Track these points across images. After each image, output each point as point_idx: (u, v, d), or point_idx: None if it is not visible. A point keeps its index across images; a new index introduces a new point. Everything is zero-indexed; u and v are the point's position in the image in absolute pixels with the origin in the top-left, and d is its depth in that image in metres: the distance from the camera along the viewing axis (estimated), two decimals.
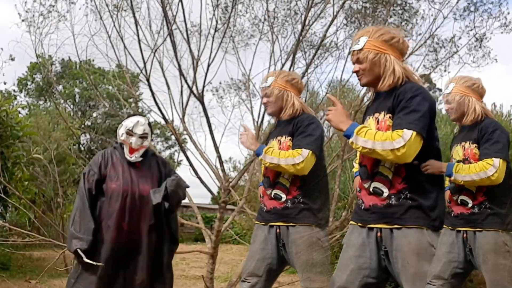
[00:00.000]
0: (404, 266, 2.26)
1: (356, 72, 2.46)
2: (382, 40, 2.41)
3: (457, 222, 2.91)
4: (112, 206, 3.03)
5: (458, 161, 2.90)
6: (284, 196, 2.86)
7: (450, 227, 2.95)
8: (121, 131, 3.17)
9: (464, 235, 2.89)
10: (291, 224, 2.83)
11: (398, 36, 2.46)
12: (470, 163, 2.83)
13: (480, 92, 2.99)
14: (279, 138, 2.96)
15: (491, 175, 2.70)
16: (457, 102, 2.94)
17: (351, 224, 2.49)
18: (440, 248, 2.80)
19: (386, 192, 2.32)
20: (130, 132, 3.14)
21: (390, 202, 2.31)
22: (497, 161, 2.71)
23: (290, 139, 2.91)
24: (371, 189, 2.36)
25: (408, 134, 2.18)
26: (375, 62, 2.40)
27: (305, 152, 2.77)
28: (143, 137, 3.17)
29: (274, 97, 2.98)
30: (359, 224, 2.42)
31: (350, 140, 2.29)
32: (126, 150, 3.16)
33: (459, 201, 2.92)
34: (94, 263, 2.91)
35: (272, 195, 2.90)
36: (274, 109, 3.01)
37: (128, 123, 3.17)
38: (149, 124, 3.27)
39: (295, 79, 3.06)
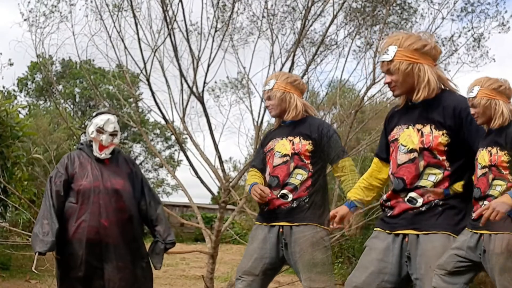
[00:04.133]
0: (427, 271, 2.26)
1: (388, 83, 2.39)
2: (413, 49, 2.32)
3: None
4: (85, 203, 3.03)
5: (484, 167, 2.85)
6: (290, 196, 2.86)
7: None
8: (91, 128, 3.19)
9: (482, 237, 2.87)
10: (296, 224, 2.82)
11: (430, 43, 2.37)
12: (498, 170, 2.79)
13: (507, 94, 2.90)
14: (290, 138, 2.93)
15: None
16: (483, 106, 2.83)
17: (376, 230, 2.49)
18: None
19: (420, 202, 2.33)
20: (100, 130, 3.16)
21: (421, 209, 2.32)
22: None
23: (310, 143, 2.88)
24: (405, 199, 2.37)
25: None
26: (408, 73, 2.33)
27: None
28: (113, 134, 3.19)
29: (277, 100, 2.96)
30: (387, 231, 2.42)
31: None
32: (95, 147, 3.17)
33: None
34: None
35: (279, 195, 2.89)
36: (278, 111, 2.99)
37: (98, 121, 3.19)
38: (118, 121, 3.31)
39: (297, 80, 3.05)
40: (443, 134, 2.31)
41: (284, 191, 2.87)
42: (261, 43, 5.62)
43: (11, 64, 7.42)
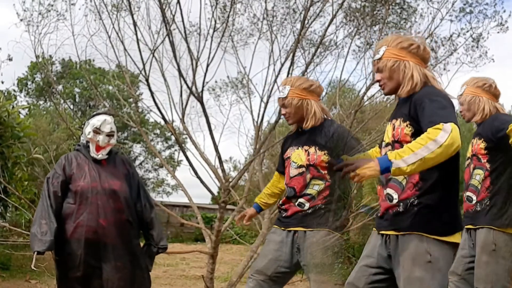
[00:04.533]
0: (403, 270, 2.28)
1: (378, 81, 2.45)
2: (400, 48, 2.39)
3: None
4: (83, 204, 3.04)
5: (468, 158, 2.92)
6: (307, 205, 2.88)
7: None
8: (88, 129, 3.21)
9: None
10: (310, 229, 2.85)
11: (417, 42, 2.43)
12: (478, 159, 2.85)
13: (492, 92, 2.98)
14: (305, 148, 2.91)
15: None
16: (467, 102, 2.96)
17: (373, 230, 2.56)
18: None
19: (396, 198, 2.33)
20: (97, 131, 3.18)
21: (398, 209, 2.32)
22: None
23: (325, 153, 2.87)
24: (384, 196, 2.39)
25: (448, 126, 2.02)
26: (394, 70, 2.38)
27: None
28: (110, 135, 3.21)
29: (294, 108, 2.91)
30: (376, 230, 2.48)
31: (393, 169, 2.06)
32: (92, 148, 3.19)
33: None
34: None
35: (296, 204, 2.91)
36: (295, 119, 2.95)
37: (95, 121, 3.21)
38: (115, 122, 3.34)
39: (313, 84, 2.97)
40: (407, 125, 2.31)
41: (301, 200, 2.89)
42: (261, 44, 5.62)
43: (10, 59, 7.42)
